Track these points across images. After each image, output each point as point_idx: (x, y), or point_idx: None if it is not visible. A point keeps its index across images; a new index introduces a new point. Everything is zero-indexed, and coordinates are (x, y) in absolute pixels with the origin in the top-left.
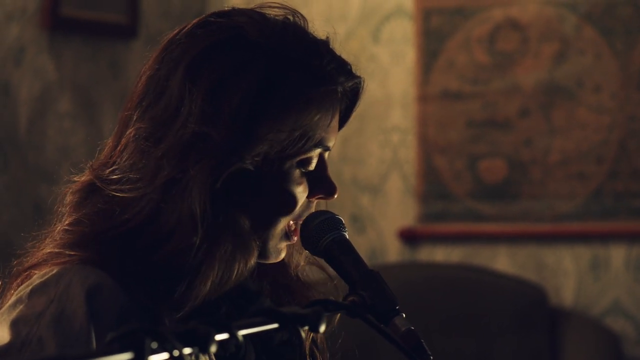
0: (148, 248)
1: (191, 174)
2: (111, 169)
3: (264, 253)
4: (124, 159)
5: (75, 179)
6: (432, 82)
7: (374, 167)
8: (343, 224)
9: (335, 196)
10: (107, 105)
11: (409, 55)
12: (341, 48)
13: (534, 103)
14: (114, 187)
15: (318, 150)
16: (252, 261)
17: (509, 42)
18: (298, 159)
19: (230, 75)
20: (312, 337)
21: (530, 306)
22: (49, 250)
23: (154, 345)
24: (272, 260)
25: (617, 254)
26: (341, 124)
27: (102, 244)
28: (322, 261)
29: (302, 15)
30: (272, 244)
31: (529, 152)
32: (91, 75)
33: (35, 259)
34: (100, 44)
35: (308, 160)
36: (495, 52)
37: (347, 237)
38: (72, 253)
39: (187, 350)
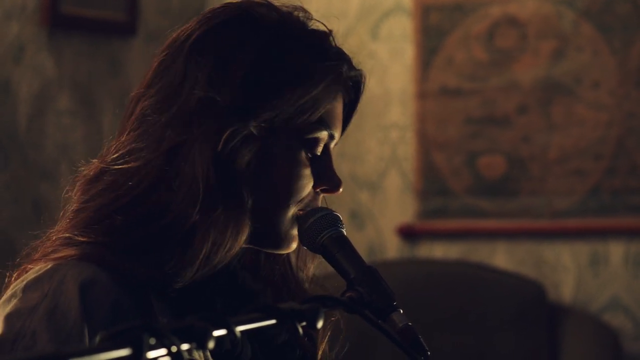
0: (150, 216)
1: (195, 136)
2: (116, 149)
3: (276, 240)
4: (129, 136)
5: (82, 168)
6: (430, 78)
7: (373, 163)
8: (341, 221)
9: (340, 190)
10: (107, 102)
11: (408, 52)
12: (340, 45)
13: (532, 100)
14: (120, 162)
15: (324, 133)
16: (242, 239)
17: (508, 39)
18: (305, 136)
19: (237, 45)
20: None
21: (529, 302)
22: (59, 236)
23: (152, 341)
24: (285, 250)
25: (616, 250)
26: (345, 122)
27: (108, 218)
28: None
29: (306, 10)
30: (283, 229)
31: (527, 148)
32: (91, 72)
33: (43, 249)
34: (100, 41)
35: (314, 142)
36: (494, 49)
37: (345, 233)
38: (81, 240)
39: (185, 346)
